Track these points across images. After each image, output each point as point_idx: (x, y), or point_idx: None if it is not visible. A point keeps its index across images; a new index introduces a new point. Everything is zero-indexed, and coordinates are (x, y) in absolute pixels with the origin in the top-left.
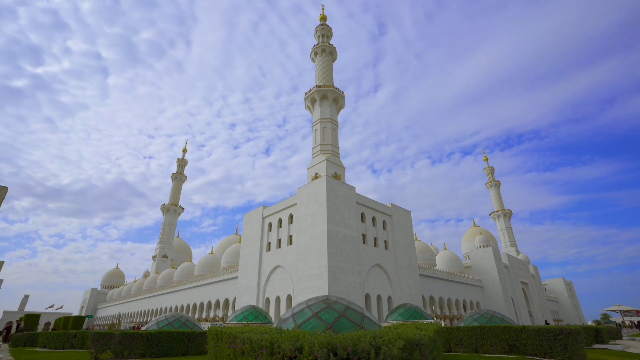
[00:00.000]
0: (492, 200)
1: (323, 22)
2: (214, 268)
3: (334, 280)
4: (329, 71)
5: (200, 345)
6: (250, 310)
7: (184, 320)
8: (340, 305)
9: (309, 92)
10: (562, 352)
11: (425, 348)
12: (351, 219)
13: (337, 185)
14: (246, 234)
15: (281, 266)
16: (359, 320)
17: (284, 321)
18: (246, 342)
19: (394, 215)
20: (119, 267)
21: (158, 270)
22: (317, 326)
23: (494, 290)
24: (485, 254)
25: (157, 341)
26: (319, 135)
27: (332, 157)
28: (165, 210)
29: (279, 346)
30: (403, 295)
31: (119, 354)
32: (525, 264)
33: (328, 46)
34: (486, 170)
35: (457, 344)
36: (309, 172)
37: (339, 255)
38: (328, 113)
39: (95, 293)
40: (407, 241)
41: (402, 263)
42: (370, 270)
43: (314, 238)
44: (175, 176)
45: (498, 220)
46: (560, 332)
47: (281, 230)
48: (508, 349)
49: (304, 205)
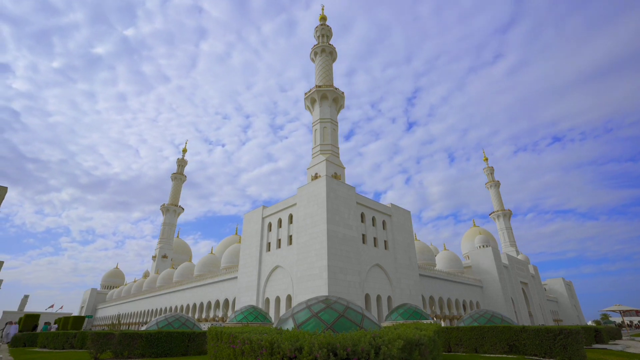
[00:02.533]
0: (492, 200)
1: (323, 22)
2: (213, 268)
3: (334, 280)
4: (329, 71)
5: (200, 346)
6: (250, 311)
7: (184, 321)
8: (340, 305)
9: (309, 92)
10: (562, 352)
11: (425, 348)
12: (351, 219)
13: (337, 185)
14: (246, 234)
15: (281, 266)
16: (359, 321)
17: (284, 321)
18: (246, 342)
19: (393, 215)
20: (118, 267)
21: (158, 270)
22: (317, 326)
23: (494, 290)
24: (485, 254)
25: (157, 341)
26: (318, 135)
27: (332, 157)
28: (165, 210)
29: (278, 346)
30: (403, 295)
31: (118, 354)
32: (525, 264)
33: (328, 46)
34: (486, 170)
35: (456, 344)
36: (308, 172)
37: (338, 255)
38: (328, 113)
39: (95, 293)
40: (407, 241)
41: (402, 263)
42: (370, 270)
43: (313, 238)
44: (175, 176)
45: (498, 220)
46: (560, 332)
47: (281, 230)
48: (508, 349)
49: (303, 205)
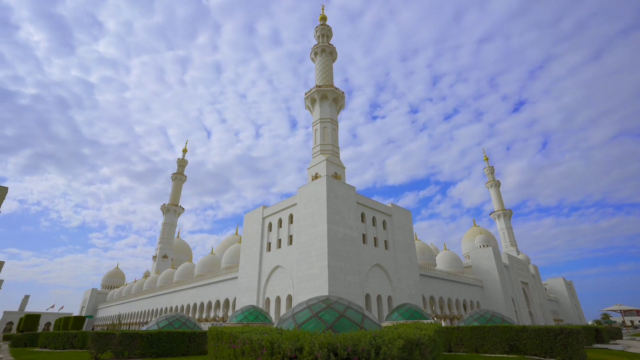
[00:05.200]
0: (492, 200)
1: (323, 22)
2: (214, 268)
3: (334, 280)
4: (329, 71)
5: (200, 346)
6: (251, 311)
7: (184, 321)
8: (340, 305)
9: (309, 92)
10: (562, 351)
11: (425, 348)
12: (351, 219)
13: (337, 185)
14: (246, 234)
15: (281, 266)
16: (359, 320)
17: (284, 321)
18: (246, 342)
19: (394, 215)
20: (119, 267)
21: (158, 270)
22: (317, 326)
23: (494, 290)
24: (485, 254)
25: (158, 341)
26: (319, 135)
27: (332, 157)
28: (165, 210)
29: (279, 346)
30: (403, 295)
31: (119, 354)
32: (526, 264)
33: (328, 46)
34: (486, 170)
35: (457, 344)
36: (309, 172)
37: (339, 255)
38: (328, 113)
39: (96, 293)
40: (407, 241)
41: (402, 263)
42: (370, 270)
43: (314, 238)
44: (176, 176)
45: (498, 220)
46: (561, 332)
47: (281, 230)
48: (508, 348)
49: (304, 205)
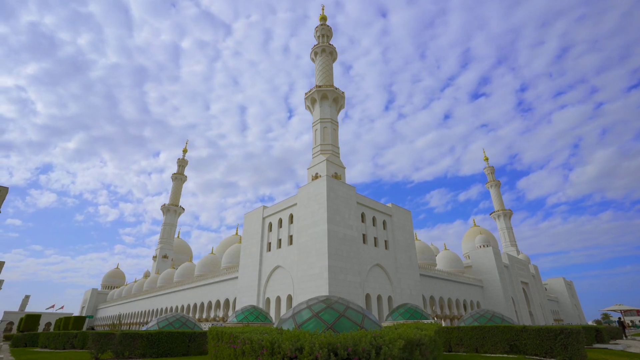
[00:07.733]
0: (492, 200)
1: (323, 22)
2: (214, 268)
3: (334, 280)
4: (329, 71)
5: (200, 346)
6: (251, 311)
7: (185, 321)
8: (340, 305)
9: (309, 92)
10: (562, 351)
11: (426, 348)
12: (351, 219)
13: (337, 185)
14: (246, 234)
15: (281, 266)
16: (360, 321)
17: (285, 321)
18: (246, 342)
19: (394, 215)
20: (119, 268)
21: (158, 270)
22: (317, 326)
23: (494, 290)
24: (485, 254)
25: (158, 341)
26: (319, 135)
27: (332, 157)
28: (165, 211)
29: (279, 346)
30: (403, 295)
31: (119, 354)
32: (526, 264)
33: (328, 46)
34: (486, 170)
35: (457, 344)
36: (309, 172)
37: (339, 255)
38: (328, 113)
39: (96, 293)
40: (407, 241)
41: (402, 263)
42: (370, 270)
43: (314, 238)
44: (176, 176)
45: (498, 220)
46: (561, 332)
47: (281, 230)
48: (509, 348)
49: (304, 205)
